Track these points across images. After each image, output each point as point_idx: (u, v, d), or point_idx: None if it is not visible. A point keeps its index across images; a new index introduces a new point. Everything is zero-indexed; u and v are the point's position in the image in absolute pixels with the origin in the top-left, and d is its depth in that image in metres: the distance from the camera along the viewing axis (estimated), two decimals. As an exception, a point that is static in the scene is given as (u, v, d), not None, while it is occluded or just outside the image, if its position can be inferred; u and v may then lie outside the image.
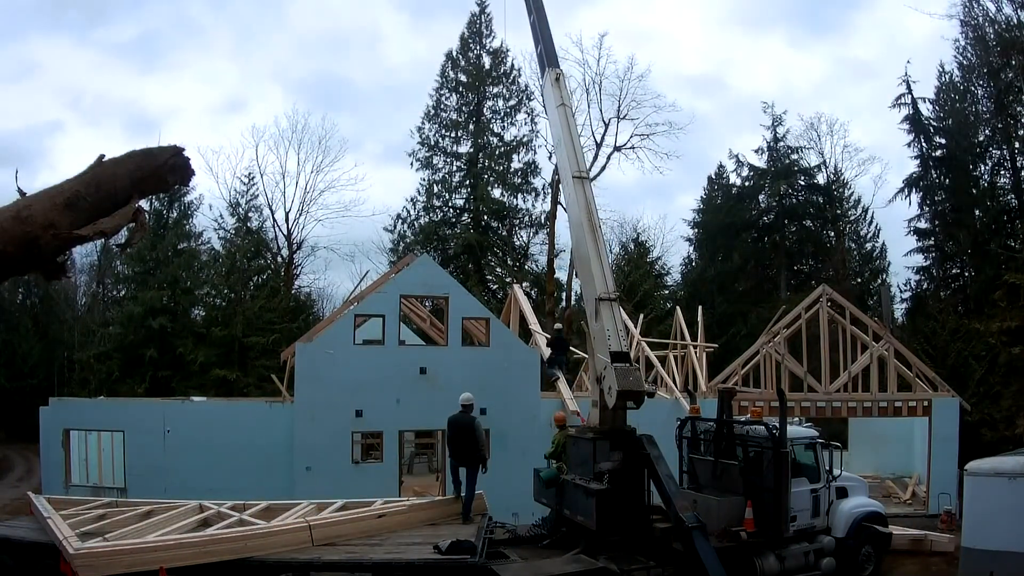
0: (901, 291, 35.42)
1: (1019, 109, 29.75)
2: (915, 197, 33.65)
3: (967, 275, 32.53)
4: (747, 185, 40.54)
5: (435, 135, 40.87)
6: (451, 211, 40.95)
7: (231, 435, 16.44)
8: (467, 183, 40.44)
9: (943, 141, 33.40)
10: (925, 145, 33.66)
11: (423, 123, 40.98)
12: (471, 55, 41.44)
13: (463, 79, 41.06)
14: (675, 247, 77.41)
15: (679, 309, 26.72)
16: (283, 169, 40.72)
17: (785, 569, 11.75)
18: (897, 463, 22.63)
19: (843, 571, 12.54)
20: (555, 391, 18.97)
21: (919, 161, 33.67)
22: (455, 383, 15.30)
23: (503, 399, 17.20)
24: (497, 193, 40.49)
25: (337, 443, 16.62)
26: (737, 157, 40.67)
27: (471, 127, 40.68)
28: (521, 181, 40.59)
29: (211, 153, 59.62)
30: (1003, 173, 31.33)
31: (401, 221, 40.71)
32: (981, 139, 31.91)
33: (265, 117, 59.39)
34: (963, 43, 31.87)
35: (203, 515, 11.51)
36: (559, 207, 35.38)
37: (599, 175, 37.99)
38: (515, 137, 40.74)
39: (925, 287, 33.92)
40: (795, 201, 39.74)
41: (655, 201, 58.88)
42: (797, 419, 18.48)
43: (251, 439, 16.46)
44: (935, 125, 33.84)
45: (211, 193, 53.30)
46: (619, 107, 38.00)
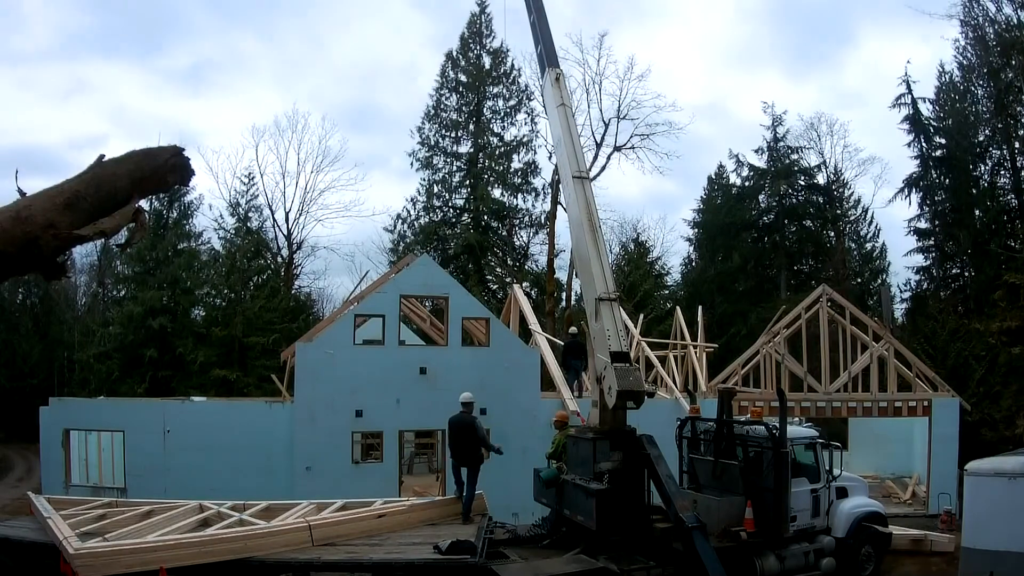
0: (901, 291, 35.49)
1: (1019, 109, 29.74)
2: (915, 197, 33.72)
3: (967, 275, 32.54)
4: (747, 185, 40.54)
5: (435, 135, 40.89)
6: (451, 211, 40.95)
7: (231, 435, 16.43)
8: (467, 183, 40.44)
9: (943, 141, 33.41)
10: (925, 145, 33.69)
11: (423, 123, 41.05)
12: (471, 55, 41.44)
13: (463, 79, 41.05)
14: (675, 247, 77.78)
15: (679, 309, 26.75)
16: (283, 169, 40.76)
17: (785, 569, 11.75)
18: (897, 463, 22.63)
19: (843, 571, 12.55)
20: (555, 391, 18.96)
21: (919, 161, 33.71)
22: (455, 383, 15.30)
23: (503, 399, 17.20)
24: (497, 193, 40.50)
25: (337, 443, 16.62)
26: (737, 157, 40.76)
27: (471, 127, 40.69)
28: (521, 181, 40.59)
29: (211, 153, 59.89)
30: (1003, 173, 31.36)
31: (401, 221, 40.78)
32: (981, 139, 31.92)
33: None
34: (963, 43, 31.94)
35: (203, 515, 11.52)
36: (559, 207, 35.40)
37: (599, 175, 38.03)
38: (515, 137, 40.78)
39: (925, 287, 33.94)
40: (795, 201, 39.76)
41: (656, 210, 59.86)
42: (797, 419, 18.55)
43: (251, 439, 16.45)
44: (935, 125, 33.85)
45: (211, 193, 53.39)
46: (619, 107, 38.04)
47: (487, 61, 41.26)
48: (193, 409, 18.10)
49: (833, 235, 39.34)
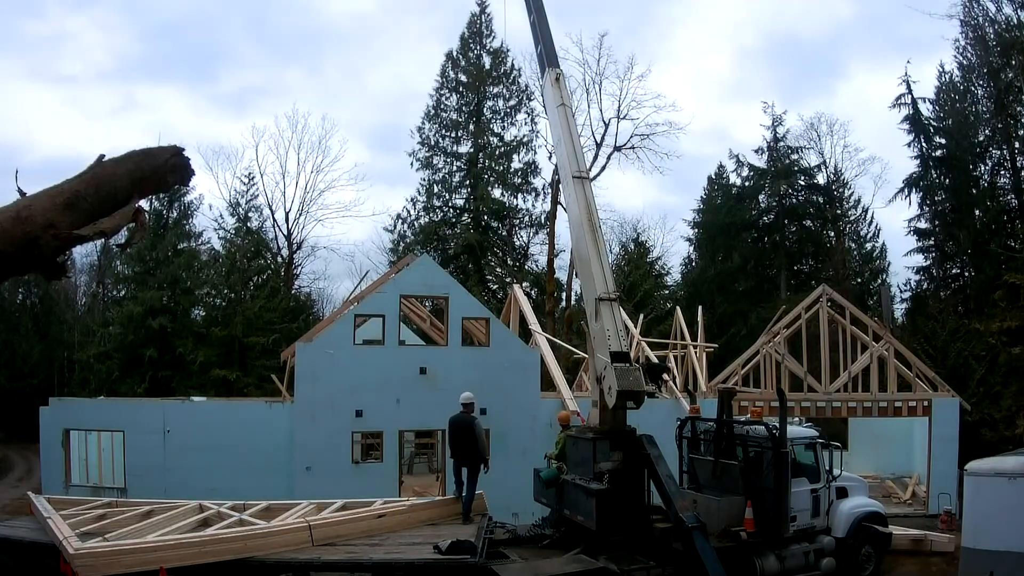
0: (901, 291, 35.50)
1: (1019, 109, 29.74)
2: (915, 197, 33.72)
3: (967, 275, 32.54)
4: (747, 185, 40.54)
5: (435, 135, 40.92)
6: (451, 211, 40.97)
7: (231, 435, 16.43)
8: (467, 183, 40.46)
9: (943, 141, 33.42)
10: (925, 145, 33.69)
11: (423, 123, 41.10)
12: (471, 55, 41.45)
13: (463, 79, 41.06)
14: (675, 247, 77.90)
15: (679, 309, 26.75)
16: (283, 169, 40.82)
17: (785, 569, 11.75)
18: (897, 463, 22.64)
19: (843, 571, 12.54)
20: (555, 391, 18.97)
21: (919, 161, 33.71)
22: (455, 383, 15.29)
23: (503, 399, 17.20)
24: (497, 193, 40.52)
25: (337, 443, 16.62)
26: (737, 157, 40.78)
27: (471, 127, 40.70)
28: (521, 181, 40.61)
29: (211, 153, 59.79)
30: (1003, 173, 31.37)
31: (401, 221, 40.80)
32: (981, 139, 31.93)
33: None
34: (963, 43, 31.95)
35: (203, 515, 11.51)
36: (559, 207, 35.40)
37: (599, 175, 38.05)
38: (515, 137, 40.80)
39: (925, 287, 33.95)
40: (795, 201, 39.76)
41: (656, 211, 61.05)
42: (797, 419, 18.55)
43: (251, 439, 16.45)
44: (935, 125, 33.86)
45: (211, 193, 53.56)
46: (619, 107, 38.05)
47: (487, 61, 41.28)
48: (193, 409, 18.11)
49: (833, 235, 39.33)
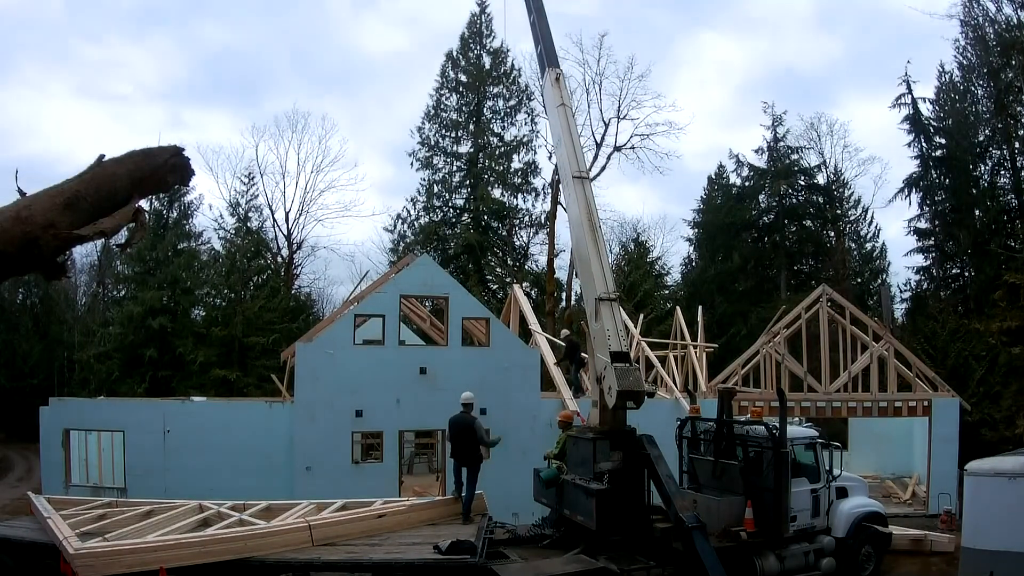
0: (901, 291, 35.53)
1: (1019, 109, 29.75)
2: (915, 197, 33.78)
3: (967, 275, 32.56)
4: (747, 185, 40.54)
5: (435, 135, 40.92)
6: (451, 211, 40.97)
7: (231, 435, 16.42)
8: (467, 183, 40.45)
9: (943, 141, 33.45)
10: (925, 145, 33.71)
11: (423, 123, 41.09)
12: (471, 55, 41.45)
13: (463, 79, 41.06)
14: (675, 247, 78.10)
15: (679, 309, 26.74)
16: (283, 169, 40.81)
17: (785, 569, 11.75)
18: (897, 463, 22.63)
19: (843, 571, 12.55)
20: (555, 391, 18.97)
21: (919, 161, 33.73)
22: (455, 383, 15.28)
23: (503, 399, 17.19)
24: (497, 193, 40.51)
25: (337, 443, 16.61)
26: (737, 157, 40.78)
27: (471, 127, 40.69)
28: (521, 181, 40.61)
29: (211, 153, 59.91)
30: (1003, 173, 31.40)
31: (401, 221, 40.80)
32: (981, 139, 31.95)
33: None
34: (963, 43, 31.96)
35: (203, 515, 11.52)
36: (559, 207, 35.39)
37: (599, 175, 38.07)
38: (515, 137, 40.79)
39: (925, 287, 33.97)
40: (795, 201, 39.76)
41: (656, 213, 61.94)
42: (797, 419, 18.54)
43: (251, 439, 16.44)
44: (935, 125, 33.88)
45: (211, 193, 53.61)
46: (619, 107, 38.05)
47: (487, 61, 41.28)
48: (193, 409, 18.09)
49: (833, 235, 39.34)
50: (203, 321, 36.03)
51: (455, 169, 40.87)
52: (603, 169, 38.34)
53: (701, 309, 27.53)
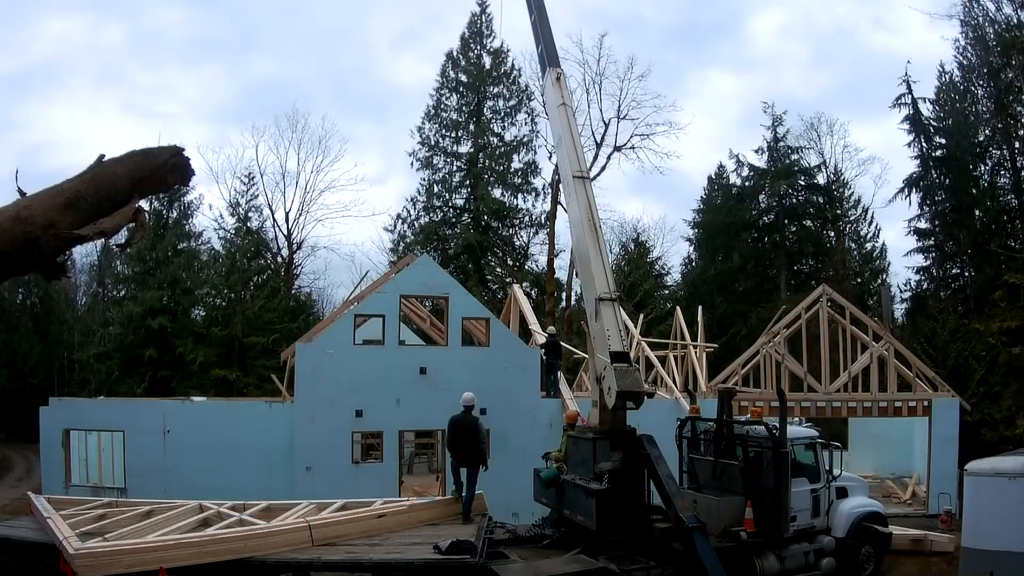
0: (901, 291, 35.51)
1: (1019, 109, 29.72)
2: (915, 197, 33.70)
3: (967, 275, 32.53)
4: (747, 185, 40.52)
5: (435, 135, 40.93)
6: (451, 211, 40.97)
7: (231, 435, 16.41)
8: (467, 183, 40.45)
9: (943, 141, 33.41)
10: (925, 145, 33.68)
11: (423, 123, 41.10)
12: (471, 55, 41.45)
13: (463, 79, 41.05)
14: (675, 247, 78.13)
15: (679, 309, 26.73)
16: (283, 169, 40.78)
17: (785, 569, 11.74)
18: (897, 463, 22.62)
19: (843, 571, 12.54)
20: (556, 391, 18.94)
21: (919, 161, 33.70)
22: (455, 383, 15.29)
23: (503, 399, 17.18)
24: (497, 193, 40.50)
25: (337, 443, 16.61)
26: (737, 157, 40.77)
27: (471, 127, 40.69)
28: (521, 181, 40.61)
29: (211, 153, 60.03)
30: (1003, 173, 31.34)
31: (401, 221, 40.81)
32: (981, 139, 31.91)
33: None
34: (963, 43, 31.94)
35: (203, 515, 11.52)
36: (559, 207, 35.41)
37: (599, 175, 38.08)
38: (515, 137, 40.78)
39: (925, 287, 33.95)
40: (795, 201, 39.74)
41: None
42: (797, 419, 18.54)
43: (251, 439, 16.43)
44: (935, 125, 33.85)
45: (211, 193, 53.65)
46: (619, 107, 38.06)
47: (487, 61, 41.28)
48: (193, 409, 18.10)
49: (833, 235, 39.33)
50: (203, 321, 36.05)
51: (455, 169, 40.89)
52: (603, 169, 38.42)
53: (701, 309, 27.52)
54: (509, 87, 41.11)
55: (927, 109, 34.01)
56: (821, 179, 39.49)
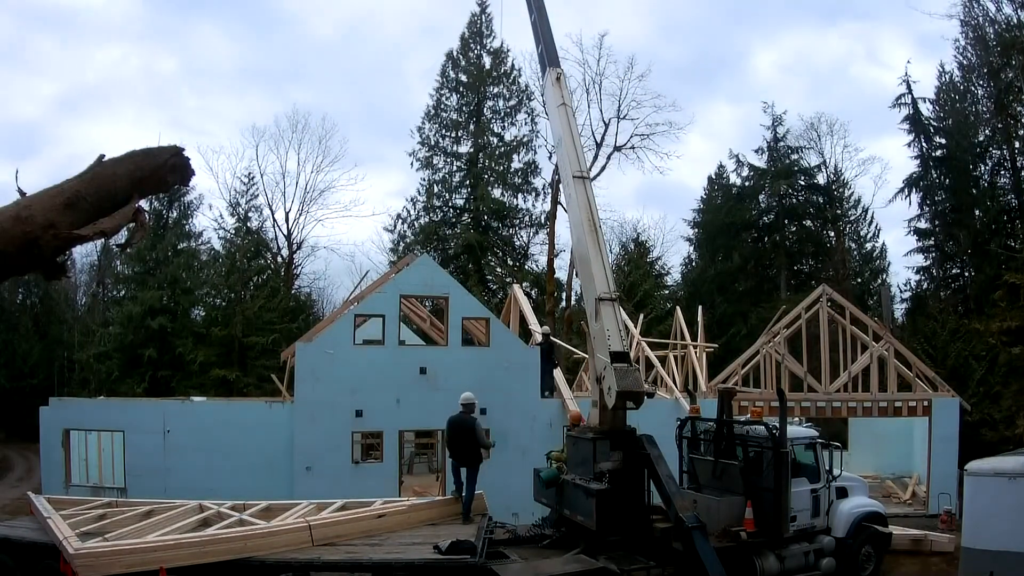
0: (901, 291, 35.55)
1: (1019, 109, 29.73)
2: (915, 197, 33.75)
3: (967, 275, 32.55)
4: (747, 185, 40.53)
5: (435, 135, 40.93)
6: (451, 211, 40.97)
7: (231, 435, 16.40)
8: (467, 183, 40.46)
9: (943, 141, 33.43)
10: (925, 145, 33.70)
11: (423, 123, 41.10)
12: (471, 55, 41.45)
13: (463, 79, 41.05)
14: (675, 247, 78.16)
15: (679, 309, 26.71)
16: (283, 169, 40.80)
17: (785, 569, 11.74)
18: (897, 463, 22.61)
19: (843, 571, 12.54)
20: (555, 391, 18.93)
21: (919, 161, 33.73)
22: (455, 383, 15.26)
23: (503, 399, 17.17)
24: (497, 193, 40.51)
25: (337, 443, 16.60)
26: (737, 157, 40.76)
27: (471, 127, 40.70)
28: (521, 181, 40.61)
29: (211, 153, 60.02)
30: (1003, 173, 31.37)
31: (401, 221, 40.81)
32: (981, 139, 31.93)
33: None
34: (963, 43, 31.97)
35: (203, 515, 11.51)
36: (559, 207, 35.40)
37: (599, 175, 38.06)
38: (515, 137, 40.79)
39: (925, 287, 33.98)
40: (795, 201, 39.73)
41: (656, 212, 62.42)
42: (797, 419, 18.53)
43: (251, 439, 16.42)
44: (935, 125, 33.87)
45: (211, 193, 53.62)
46: (619, 107, 38.05)
47: (487, 61, 41.27)
48: (193, 409, 18.09)
49: (833, 235, 39.33)
50: (203, 321, 36.05)
51: (455, 169, 40.89)
52: (603, 169, 38.40)
53: (701, 309, 27.50)
54: (509, 87, 41.13)
55: (927, 109, 34.10)
56: (821, 179, 39.54)
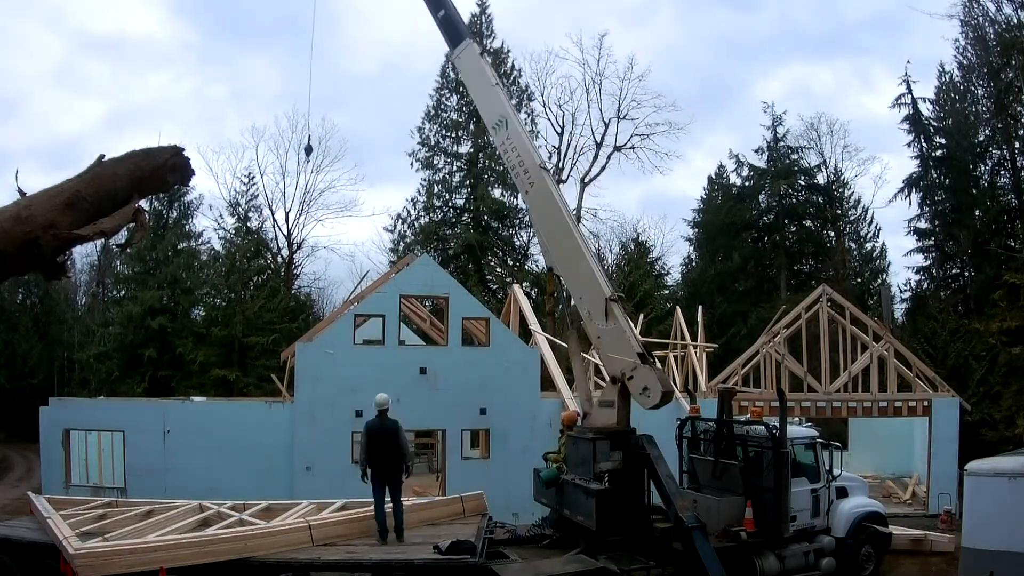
0: (901, 291, 35.54)
1: (1019, 109, 29.73)
2: (915, 197, 33.73)
3: (967, 275, 32.55)
4: (747, 185, 40.49)
5: (435, 135, 40.89)
6: (451, 211, 40.93)
7: (231, 435, 16.42)
8: (467, 183, 40.43)
9: (943, 141, 33.43)
10: (925, 145, 33.69)
11: (423, 123, 41.03)
12: (471, 55, 41.33)
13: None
14: (675, 247, 78.09)
15: (679, 309, 26.73)
16: (283, 169, 40.73)
17: (785, 569, 11.74)
18: (897, 463, 22.62)
19: (843, 571, 12.53)
20: (555, 391, 18.96)
21: (919, 161, 33.72)
22: (455, 383, 15.31)
23: (503, 399, 17.20)
24: (497, 193, 40.46)
25: (337, 443, 16.60)
26: (737, 157, 40.71)
27: (471, 127, 40.64)
28: (521, 181, 40.47)
29: (211, 153, 59.93)
30: (1003, 173, 31.38)
31: (401, 221, 40.78)
32: (981, 139, 31.94)
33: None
34: (963, 43, 31.97)
35: (203, 515, 11.53)
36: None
37: (599, 175, 38.07)
38: (515, 137, 40.61)
39: (925, 287, 33.98)
40: (795, 201, 39.69)
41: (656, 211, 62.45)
42: (797, 419, 18.52)
43: (251, 439, 16.44)
44: (935, 125, 33.87)
45: (211, 193, 53.56)
46: (619, 107, 38.00)
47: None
48: (193, 409, 18.11)
49: (833, 235, 39.32)
50: (203, 321, 36.00)
51: (455, 169, 40.85)
52: (603, 169, 38.36)
53: (701, 309, 27.52)
54: (509, 87, 41.04)
55: (927, 109, 34.10)
56: (821, 179, 39.48)
